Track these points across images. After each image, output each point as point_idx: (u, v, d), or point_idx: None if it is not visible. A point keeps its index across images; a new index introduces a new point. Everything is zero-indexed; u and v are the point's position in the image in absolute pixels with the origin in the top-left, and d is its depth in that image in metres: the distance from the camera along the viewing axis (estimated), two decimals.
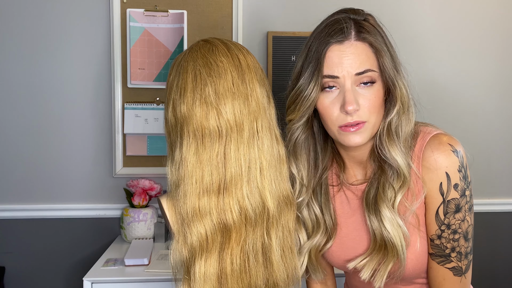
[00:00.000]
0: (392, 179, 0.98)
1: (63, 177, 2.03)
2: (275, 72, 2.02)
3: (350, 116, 0.93)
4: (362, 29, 0.95)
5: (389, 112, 0.97)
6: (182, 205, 0.92)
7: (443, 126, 1.07)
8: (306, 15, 2.01)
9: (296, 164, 1.06)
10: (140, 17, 1.99)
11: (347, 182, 1.08)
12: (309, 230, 1.09)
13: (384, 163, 0.99)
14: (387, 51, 0.96)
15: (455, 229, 0.96)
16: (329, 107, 0.96)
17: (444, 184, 0.95)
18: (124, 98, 2.01)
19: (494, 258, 2.22)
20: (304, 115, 1.00)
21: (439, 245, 0.97)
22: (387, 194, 0.98)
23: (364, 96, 0.94)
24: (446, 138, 0.97)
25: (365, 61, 0.93)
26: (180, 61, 0.97)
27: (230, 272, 0.93)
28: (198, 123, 0.91)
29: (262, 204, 0.94)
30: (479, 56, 2.14)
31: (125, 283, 1.60)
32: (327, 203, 1.08)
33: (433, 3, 2.11)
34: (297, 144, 1.05)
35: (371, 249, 1.02)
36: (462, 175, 0.96)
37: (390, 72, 0.95)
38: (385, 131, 0.98)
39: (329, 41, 0.94)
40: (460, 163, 0.95)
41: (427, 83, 2.09)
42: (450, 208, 0.96)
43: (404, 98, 0.96)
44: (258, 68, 0.99)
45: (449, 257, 0.97)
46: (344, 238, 1.08)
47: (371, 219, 1.01)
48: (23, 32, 1.97)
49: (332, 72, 0.94)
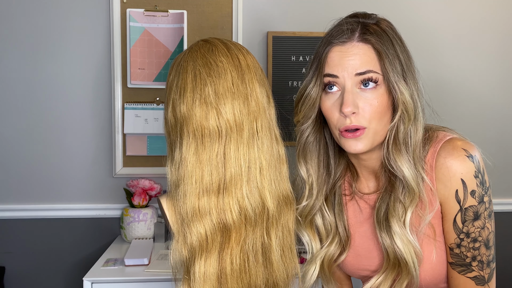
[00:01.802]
0: (403, 195, 0.95)
1: (63, 177, 2.03)
2: (275, 72, 2.02)
3: (348, 119, 0.91)
4: (367, 31, 0.93)
5: (393, 119, 0.94)
6: (182, 205, 0.92)
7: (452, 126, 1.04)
8: (306, 15, 2.01)
9: (306, 167, 1.04)
10: (140, 17, 1.99)
11: (360, 191, 1.06)
12: (323, 238, 1.07)
13: (394, 177, 0.96)
14: (395, 54, 0.92)
15: (475, 238, 0.92)
16: (330, 109, 0.95)
17: (460, 191, 0.92)
18: (124, 98, 2.01)
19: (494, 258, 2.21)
20: (308, 115, 0.99)
21: (458, 254, 0.94)
22: (398, 211, 0.95)
23: (366, 100, 0.91)
24: (460, 143, 0.93)
25: (366, 62, 0.91)
26: (180, 61, 0.97)
27: (230, 272, 0.93)
28: (198, 123, 0.91)
29: (262, 204, 0.94)
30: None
31: (125, 283, 1.60)
32: (341, 213, 1.06)
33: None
34: (306, 146, 1.03)
35: (384, 267, 0.99)
36: (479, 181, 0.92)
37: (391, 75, 0.91)
38: (391, 140, 0.95)
39: (332, 42, 0.94)
40: (477, 168, 0.92)
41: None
42: (468, 216, 0.92)
43: (407, 104, 0.92)
44: (258, 68, 0.99)
45: (470, 266, 0.93)
46: (358, 248, 1.06)
47: (382, 237, 0.98)
48: (23, 32, 1.97)
49: (332, 71, 0.93)
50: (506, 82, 2.17)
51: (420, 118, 0.95)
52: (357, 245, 1.06)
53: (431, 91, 1.02)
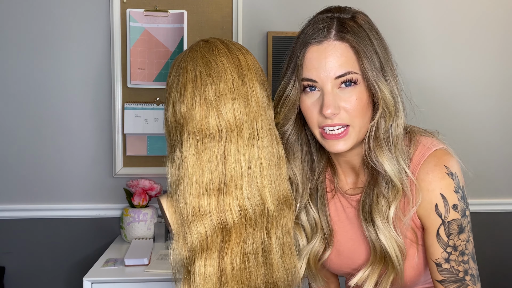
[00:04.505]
0: (386, 189, 0.95)
1: (63, 177, 2.03)
2: (275, 72, 2.02)
3: (330, 119, 0.91)
4: (344, 29, 0.91)
5: (374, 116, 0.94)
6: (182, 205, 0.92)
7: (441, 127, 1.05)
8: (306, 15, 2.00)
9: (290, 166, 1.04)
10: (140, 17, 1.99)
11: (341, 189, 1.07)
12: (308, 234, 1.07)
13: (376, 171, 0.97)
14: (373, 51, 0.91)
15: (462, 251, 0.92)
16: (309, 108, 0.94)
17: (441, 205, 0.93)
18: (124, 98, 2.01)
19: (494, 258, 2.21)
20: (289, 116, 0.98)
21: (449, 269, 0.92)
22: (381, 205, 0.96)
23: (346, 99, 0.91)
24: (443, 158, 0.94)
25: (344, 63, 0.90)
26: (180, 61, 0.97)
27: (230, 272, 0.93)
28: (198, 123, 0.91)
29: (262, 204, 0.94)
30: (476, 56, 2.14)
31: (125, 283, 1.60)
32: (324, 208, 1.06)
33: (431, 2, 2.11)
34: (289, 146, 1.03)
35: (371, 260, 1.00)
36: (460, 196, 0.93)
37: (370, 74, 0.90)
38: (372, 136, 0.95)
39: (308, 42, 0.92)
40: (456, 184, 0.93)
41: (424, 84, 2.09)
42: (452, 229, 0.92)
43: (388, 101, 0.92)
44: (258, 68, 0.99)
45: (464, 281, 0.92)
46: (341, 247, 1.07)
47: (369, 230, 0.98)
48: (23, 32, 1.97)
49: (311, 75, 0.92)
50: (499, 82, 2.16)
51: (401, 113, 0.95)
52: (340, 244, 1.07)
53: (423, 92, 1.01)
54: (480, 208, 2.14)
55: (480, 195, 2.14)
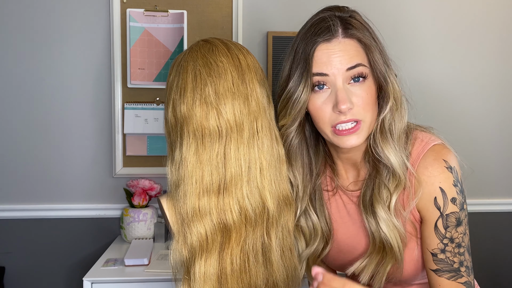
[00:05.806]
0: (387, 179, 0.96)
1: (63, 177, 2.03)
2: (275, 72, 2.02)
3: (343, 115, 0.91)
4: (349, 26, 0.93)
5: (382, 109, 0.95)
6: (182, 205, 0.92)
7: (440, 126, 1.06)
8: (306, 15, 1.99)
9: (291, 170, 1.03)
10: (140, 17, 1.99)
11: (342, 186, 1.07)
12: (307, 238, 1.07)
13: (379, 163, 0.97)
14: (376, 46, 0.94)
15: (459, 243, 0.94)
16: (321, 107, 0.94)
17: (440, 198, 0.94)
18: (124, 98, 2.01)
19: (494, 258, 2.22)
20: (296, 118, 0.97)
21: (444, 259, 0.94)
22: (383, 195, 0.97)
23: (357, 94, 0.92)
24: (442, 152, 0.95)
25: (355, 56, 0.92)
26: (180, 61, 0.97)
27: (230, 272, 0.93)
28: (198, 123, 0.91)
29: (262, 204, 0.94)
30: (475, 55, 2.13)
31: (125, 283, 1.60)
32: (322, 208, 1.07)
33: (430, 2, 2.11)
34: (291, 149, 1.03)
35: (370, 250, 1.01)
36: (458, 190, 0.94)
37: (381, 68, 0.93)
38: (378, 129, 0.96)
39: (317, 40, 0.92)
40: (455, 178, 0.94)
41: (423, 82, 2.09)
42: (450, 222, 0.94)
43: (397, 94, 0.95)
44: (258, 68, 0.99)
45: (459, 272, 0.94)
46: (341, 242, 1.07)
47: (369, 221, 0.99)
48: (23, 32, 1.97)
49: (321, 70, 0.92)
50: (498, 82, 2.16)
51: (404, 105, 0.97)
52: (339, 240, 1.07)
53: (422, 91, 1.02)
54: (480, 208, 2.14)
55: (480, 195, 2.14)
